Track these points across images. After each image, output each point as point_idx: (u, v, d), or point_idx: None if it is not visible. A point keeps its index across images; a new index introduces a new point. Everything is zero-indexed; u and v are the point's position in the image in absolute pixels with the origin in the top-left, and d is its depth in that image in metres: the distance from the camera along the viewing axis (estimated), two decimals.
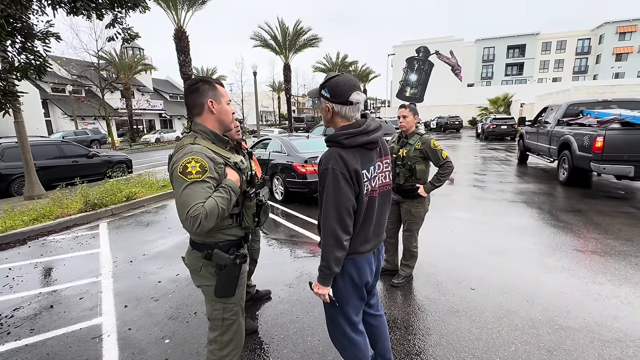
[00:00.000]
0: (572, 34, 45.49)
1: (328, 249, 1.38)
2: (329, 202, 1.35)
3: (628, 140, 5.45)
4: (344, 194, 1.33)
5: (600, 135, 5.62)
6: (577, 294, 2.77)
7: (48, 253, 4.15)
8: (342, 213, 1.34)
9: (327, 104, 1.42)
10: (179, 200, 1.31)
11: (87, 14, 3.72)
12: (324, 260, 1.40)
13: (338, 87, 1.37)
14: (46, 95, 25.12)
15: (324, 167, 1.37)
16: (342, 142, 1.37)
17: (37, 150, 7.95)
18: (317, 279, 1.44)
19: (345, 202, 1.34)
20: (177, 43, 15.50)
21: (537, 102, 21.15)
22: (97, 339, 2.39)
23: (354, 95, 1.37)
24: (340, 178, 1.32)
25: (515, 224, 4.67)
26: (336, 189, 1.33)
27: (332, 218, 1.35)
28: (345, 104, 1.38)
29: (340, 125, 1.43)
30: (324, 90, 1.41)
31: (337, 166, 1.33)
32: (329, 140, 1.41)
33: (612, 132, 5.57)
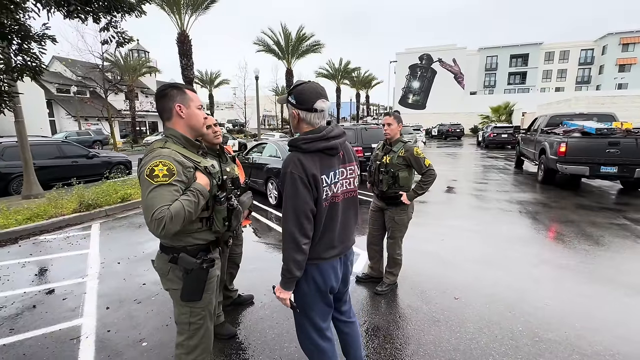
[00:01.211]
0: (575, 44, 45.59)
1: (287, 252, 1.39)
2: (288, 206, 1.37)
3: (585, 146, 6.73)
4: (302, 197, 1.35)
5: (563, 142, 6.89)
6: (560, 306, 2.74)
7: (38, 253, 4.16)
8: (300, 217, 1.35)
9: (293, 110, 1.44)
10: (145, 203, 1.33)
11: (83, 18, 3.77)
12: (285, 264, 1.41)
13: (304, 94, 1.40)
14: (51, 96, 25.40)
15: (283, 171, 1.39)
16: (302, 147, 1.39)
17: (37, 150, 8.01)
18: (280, 282, 1.45)
19: (303, 205, 1.35)
20: (180, 47, 15.67)
21: (538, 111, 21.13)
22: (75, 341, 2.38)
23: (318, 102, 1.40)
24: (299, 182, 1.34)
25: (508, 233, 4.65)
26: (294, 192, 1.35)
27: (290, 221, 1.36)
28: (310, 111, 1.40)
29: (304, 130, 1.45)
30: (291, 96, 1.43)
31: (296, 170, 1.35)
32: (289, 144, 1.43)
33: (573, 139, 6.87)
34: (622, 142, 6.43)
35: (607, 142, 6.53)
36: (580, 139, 6.86)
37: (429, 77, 43.07)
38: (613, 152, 6.48)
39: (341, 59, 38.42)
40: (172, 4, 14.81)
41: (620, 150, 6.43)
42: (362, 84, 46.06)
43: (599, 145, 6.59)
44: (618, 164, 6.47)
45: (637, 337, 2.34)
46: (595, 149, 6.61)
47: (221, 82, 40.41)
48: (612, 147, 6.49)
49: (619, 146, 6.44)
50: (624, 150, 6.41)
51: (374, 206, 3.08)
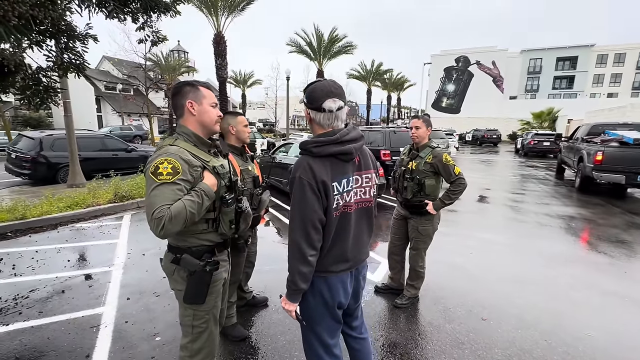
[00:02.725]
0: (633, 46, 41.55)
1: (292, 263, 1.30)
2: (295, 213, 1.28)
3: (622, 155, 6.90)
4: (310, 205, 1.25)
5: (600, 151, 7.08)
6: (606, 338, 2.42)
7: (73, 239, 4.42)
8: (307, 226, 1.26)
9: (305, 110, 1.36)
10: (147, 201, 1.30)
11: (122, 18, 3.95)
12: (290, 275, 1.32)
13: (314, 92, 1.31)
14: (99, 93, 27.42)
15: (292, 175, 1.30)
16: (312, 151, 1.29)
17: (82, 142, 8.62)
18: (285, 293, 1.36)
19: (311, 214, 1.25)
20: (216, 47, 16.19)
21: (587, 118, 19.49)
22: (94, 329, 2.46)
23: (327, 102, 1.28)
24: (307, 188, 1.24)
25: (546, 250, 4.25)
26: (302, 199, 1.25)
27: (296, 230, 1.27)
28: (319, 111, 1.30)
29: (317, 132, 1.35)
30: (304, 95, 1.35)
31: (305, 175, 1.25)
32: (300, 147, 1.34)
33: (610, 148, 7.08)
34: None
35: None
36: (617, 148, 7.06)
37: (465, 80, 41.31)
38: None
39: (373, 60, 37.89)
40: (210, 5, 15.37)
41: None
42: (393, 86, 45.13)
43: (637, 155, 6.76)
44: None
45: None
46: (633, 158, 6.77)
47: (254, 82, 41.39)
48: None
49: None
50: None
51: (397, 214, 2.92)
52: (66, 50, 4.06)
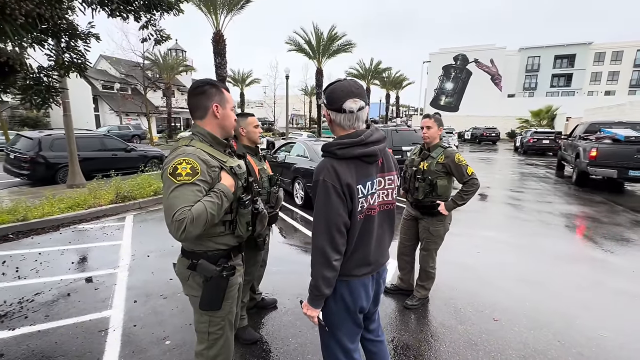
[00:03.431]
0: (630, 44, 41.68)
1: (316, 268, 1.27)
2: (319, 217, 1.24)
3: (614, 151, 7.43)
4: (334, 209, 1.22)
5: (594, 147, 7.64)
6: (619, 339, 2.41)
7: (76, 241, 4.37)
8: (332, 230, 1.22)
9: (325, 111, 1.32)
10: (166, 203, 1.26)
11: (125, 16, 3.89)
12: (313, 280, 1.29)
13: (334, 93, 1.27)
14: (97, 92, 27.24)
15: (315, 179, 1.26)
16: (336, 153, 1.26)
17: (81, 142, 8.54)
18: (307, 299, 1.33)
19: (336, 218, 1.22)
20: (215, 46, 16.12)
21: (585, 116, 19.56)
22: (102, 333, 2.42)
23: (348, 102, 1.24)
24: (332, 192, 1.21)
25: (551, 249, 4.25)
26: (327, 203, 1.22)
27: (321, 235, 1.24)
28: (340, 112, 1.26)
29: (339, 134, 1.32)
30: (323, 96, 1.31)
31: (329, 178, 1.22)
32: (323, 149, 1.30)
33: (604, 145, 7.62)
34: None
35: (636, 148, 7.23)
36: (610, 145, 7.59)
37: (464, 78, 41.36)
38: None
39: (372, 58, 37.89)
40: (209, 4, 15.26)
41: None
42: (392, 84, 45.12)
43: (628, 151, 7.29)
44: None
45: None
46: (625, 154, 7.31)
47: (252, 81, 41.25)
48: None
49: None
50: None
51: (407, 214, 2.89)
52: (67, 49, 4.00)
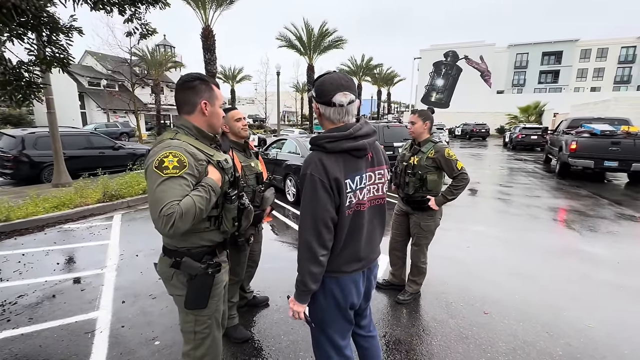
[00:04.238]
0: (615, 41, 42.60)
1: (302, 263, 1.25)
2: (306, 212, 1.23)
3: (592, 144, 8.21)
4: (321, 203, 1.20)
5: (574, 141, 8.42)
6: (605, 329, 2.46)
7: (61, 241, 4.26)
8: (318, 225, 1.21)
9: (314, 104, 1.30)
10: (152, 197, 1.21)
11: (108, 9, 3.77)
12: (300, 275, 1.27)
13: (323, 86, 1.25)
14: (83, 89, 26.55)
15: (302, 172, 1.24)
16: (325, 146, 1.24)
17: (67, 140, 8.32)
18: (294, 294, 1.31)
19: (323, 213, 1.20)
20: (204, 41, 15.83)
21: (572, 112, 19.93)
22: (89, 335, 2.37)
23: (337, 96, 1.22)
24: (319, 186, 1.19)
25: (540, 242, 4.32)
26: (313, 197, 1.20)
27: (307, 229, 1.22)
28: (329, 105, 1.24)
29: (328, 127, 1.30)
30: (313, 89, 1.28)
31: (317, 172, 1.20)
32: (311, 143, 1.28)
33: (582, 138, 8.41)
34: (623, 142, 7.86)
35: (610, 141, 7.98)
36: (588, 138, 8.36)
37: (454, 74, 41.71)
38: (615, 149, 7.91)
39: (363, 55, 37.86)
40: None
41: (620, 149, 7.86)
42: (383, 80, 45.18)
43: (603, 144, 8.04)
44: (619, 160, 7.91)
45: None
46: (600, 146, 8.06)
47: (243, 77, 40.78)
48: (614, 145, 7.92)
49: (619, 145, 7.87)
50: (623, 148, 7.84)
51: (398, 210, 2.89)
52: (49, 43, 3.86)
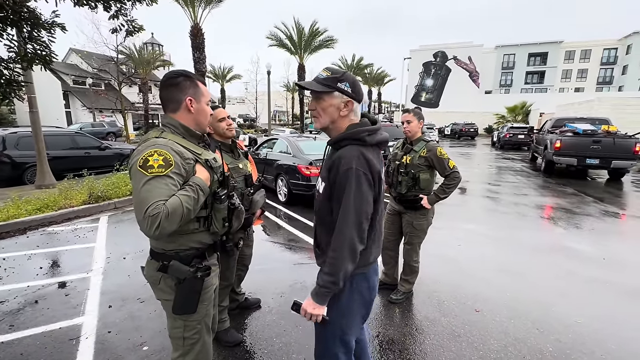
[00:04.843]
0: (597, 42, 43.83)
1: (340, 262, 1.18)
2: (349, 207, 1.17)
3: (574, 143, 8.67)
4: (365, 198, 1.19)
5: (558, 139, 8.82)
6: (594, 324, 2.51)
7: (44, 245, 4.12)
8: (362, 219, 1.19)
9: (342, 99, 1.24)
10: (137, 198, 1.16)
11: (93, 5, 3.67)
12: (332, 275, 1.19)
13: (357, 85, 1.27)
14: (67, 87, 25.86)
15: (345, 167, 1.18)
16: (365, 140, 1.22)
17: (51, 140, 8.07)
18: (314, 296, 1.22)
19: (367, 207, 1.20)
20: (193, 40, 15.62)
21: (557, 112, 20.40)
22: (74, 341, 2.28)
23: (364, 95, 1.30)
24: (364, 180, 1.17)
25: (529, 240, 4.39)
26: (358, 192, 1.17)
27: (351, 225, 1.17)
28: (359, 102, 1.28)
29: (349, 124, 1.27)
30: (343, 84, 1.23)
31: (361, 166, 1.18)
32: (347, 138, 1.23)
33: (566, 137, 8.84)
34: (603, 140, 8.35)
35: (591, 140, 8.46)
36: (571, 137, 8.81)
37: (443, 75, 42.20)
38: (596, 147, 8.40)
39: (354, 55, 37.94)
40: None
41: (601, 147, 8.34)
42: (374, 80, 45.46)
43: (585, 143, 8.51)
44: (599, 157, 8.37)
45: None
46: (583, 145, 8.52)
47: (233, 76, 40.43)
48: (596, 144, 8.40)
49: (600, 143, 8.35)
50: (604, 146, 8.32)
51: (390, 209, 2.89)
52: (30, 40, 3.74)
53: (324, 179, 1.30)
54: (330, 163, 1.26)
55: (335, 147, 1.29)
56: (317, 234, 1.38)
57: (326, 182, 1.27)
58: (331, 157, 1.29)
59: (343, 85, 1.23)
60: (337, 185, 1.21)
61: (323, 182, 1.30)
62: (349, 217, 1.18)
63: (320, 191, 1.31)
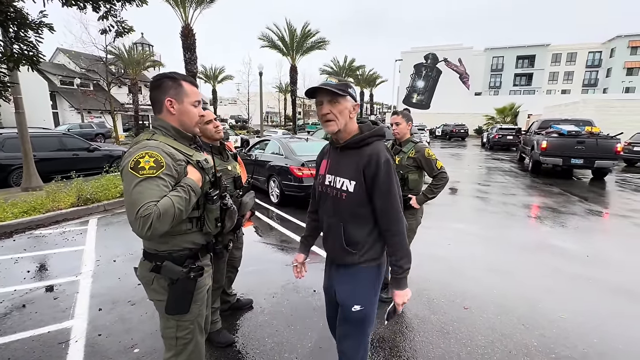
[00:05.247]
0: (583, 46, 44.99)
1: (405, 242, 1.36)
2: (395, 193, 1.34)
3: (560, 143, 9.00)
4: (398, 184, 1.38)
5: (545, 140, 9.13)
6: (577, 319, 2.59)
7: (32, 248, 4.05)
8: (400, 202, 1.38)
9: (352, 103, 1.38)
10: (129, 199, 1.17)
11: (82, 5, 3.63)
12: (406, 256, 1.36)
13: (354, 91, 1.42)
14: (54, 88, 25.37)
15: (383, 159, 1.32)
16: (385, 134, 1.41)
17: (38, 141, 7.92)
18: (398, 286, 1.39)
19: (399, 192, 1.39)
20: (184, 41, 15.52)
21: (545, 113, 20.86)
22: (63, 345, 2.26)
23: None
24: (393, 169, 1.35)
25: (516, 239, 4.49)
26: (396, 179, 1.35)
27: (400, 209, 1.35)
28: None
29: (356, 125, 1.42)
30: (352, 90, 1.38)
31: (390, 156, 1.36)
32: (376, 134, 1.38)
33: (551, 138, 9.16)
34: (587, 141, 8.72)
35: (576, 141, 8.83)
36: (557, 138, 9.15)
37: (434, 76, 42.71)
38: (580, 148, 8.76)
39: (346, 56, 38.15)
40: None
41: (585, 147, 8.70)
42: (366, 82, 45.74)
43: (570, 143, 8.87)
44: (583, 157, 8.74)
45: None
46: (567, 145, 8.88)
47: (225, 77, 40.22)
48: (580, 144, 8.76)
49: (584, 144, 8.72)
50: (587, 147, 8.68)
51: None
52: (17, 40, 3.69)
53: (352, 178, 1.36)
54: (363, 161, 1.34)
55: (358, 145, 1.37)
56: (348, 232, 1.41)
57: (357, 180, 1.35)
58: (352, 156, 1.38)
59: (352, 91, 1.38)
60: (379, 178, 1.31)
61: (352, 181, 1.36)
62: (397, 202, 1.34)
63: (351, 190, 1.36)
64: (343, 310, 1.46)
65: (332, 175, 1.44)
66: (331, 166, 1.45)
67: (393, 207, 1.33)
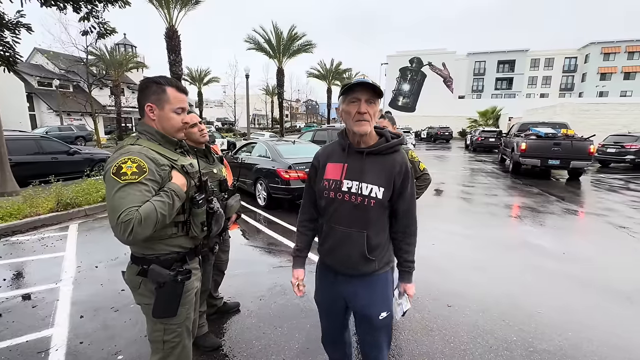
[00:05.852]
0: (559, 52, 46.85)
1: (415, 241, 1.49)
2: (414, 197, 1.43)
3: (538, 145, 9.43)
4: None
5: (524, 142, 9.57)
6: (553, 314, 2.71)
7: (8, 255, 3.90)
8: None
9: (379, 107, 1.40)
10: (111, 205, 1.17)
11: (62, 6, 3.55)
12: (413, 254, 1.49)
13: None
14: (31, 89, 24.47)
15: (409, 167, 1.38)
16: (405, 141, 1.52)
17: (14, 145, 7.64)
18: (409, 279, 1.49)
19: None
20: (168, 42, 15.30)
21: (524, 116, 21.58)
22: (42, 354, 2.20)
23: None
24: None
25: (498, 238, 4.64)
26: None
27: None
28: None
29: None
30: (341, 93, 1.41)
31: None
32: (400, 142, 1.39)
33: (530, 140, 9.59)
34: (563, 143, 9.20)
35: (552, 142, 9.28)
36: (535, 140, 9.57)
37: (419, 80, 43.57)
38: (556, 149, 9.20)
39: (332, 59, 38.41)
40: None
41: (561, 149, 9.17)
42: None
43: (547, 145, 9.32)
44: (560, 158, 9.18)
45: (632, 347, 2.32)
46: (545, 147, 9.32)
47: (211, 79, 39.80)
48: (556, 146, 9.22)
49: (560, 145, 9.19)
50: (563, 148, 9.16)
51: None
52: None
53: (382, 184, 1.31)
54: (395, 169, 1.33)
55: (389, 151, 1.35)
56: (370, 240, 1.35)
57: (386, 187, 1.31)
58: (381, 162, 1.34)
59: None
60: (407, 184, 1.37)
61: (382, 188, 1.31)
62: (415, 203, 1.44)
63: (380, 196, 1.30)
64: (368, 320, 1.42)
65: (354, 181, 1.32)
66: (352, 171, 1.34)
67: (414, 208, 1.44)
